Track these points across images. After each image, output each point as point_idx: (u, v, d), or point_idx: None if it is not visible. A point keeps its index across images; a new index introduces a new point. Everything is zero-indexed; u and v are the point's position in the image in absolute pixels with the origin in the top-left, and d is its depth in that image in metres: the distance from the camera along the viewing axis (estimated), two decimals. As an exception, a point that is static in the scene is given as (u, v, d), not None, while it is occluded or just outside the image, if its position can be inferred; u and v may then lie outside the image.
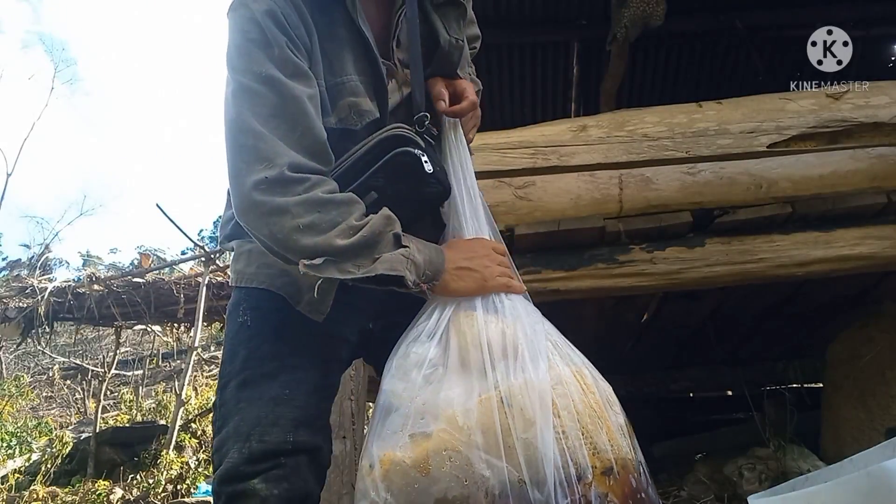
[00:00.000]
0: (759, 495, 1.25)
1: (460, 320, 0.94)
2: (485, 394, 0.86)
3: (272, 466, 0.90)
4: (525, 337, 0.93)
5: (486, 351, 0.90)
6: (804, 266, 2.13)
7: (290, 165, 0.86)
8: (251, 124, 0.87)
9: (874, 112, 2.03)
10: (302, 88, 0.91)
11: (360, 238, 0.86)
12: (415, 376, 0.90)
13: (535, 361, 0.90)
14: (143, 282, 6.64)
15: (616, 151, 2.01)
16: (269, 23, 0.90)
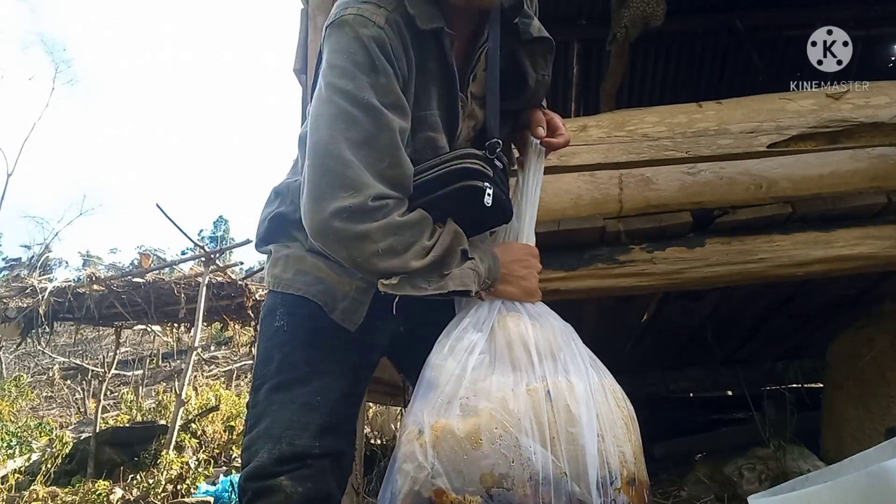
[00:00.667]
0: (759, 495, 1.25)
1: (507, 319, 0.99)
2: (532, 384, 0.91)
3: (299, 467, 0.95)
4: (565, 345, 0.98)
5: (533, 349, 0.94)
6: (804, 266, 2.13)
7: (373, 196, 0.88)
8: (341, 150, 0.88)
9: (874, 112, 2.03)
10: (398, 121, 0.92)
11: (432, 258, 0.92)
12: (464, 358, 0.94)
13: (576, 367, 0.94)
14: (143, 282, 6.64)
15: (616, 151, 2.00)
16: (376, 50, 0.91)
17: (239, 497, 0.98)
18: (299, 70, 2.58)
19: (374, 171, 0.89)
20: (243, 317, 7.33)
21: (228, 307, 7.05)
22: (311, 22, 2.39)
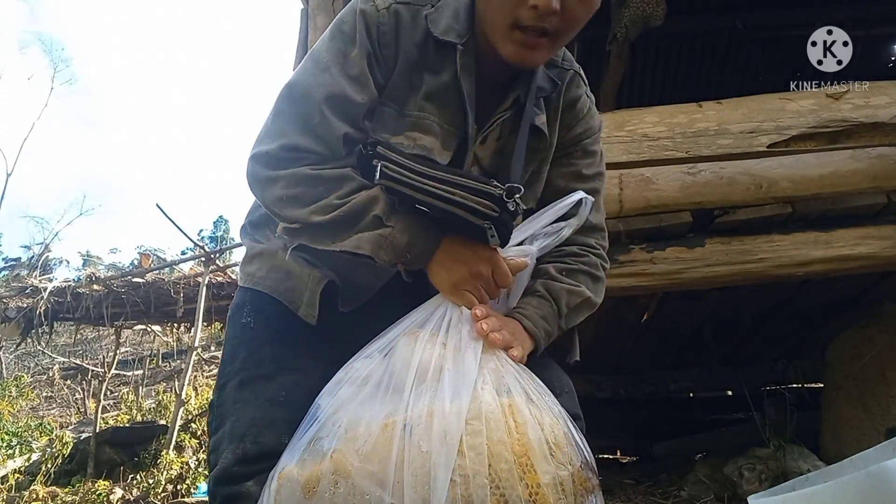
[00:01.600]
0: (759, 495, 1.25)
1: (403, 338, 0.87)
2: (391, 417, 0.77)
3: (267, 468, 0.88)
4: (456, 361, 0.82)
5: (412, 372, 0.81)
6: (804, 266, 2.14)
7: (287, 147, 0.91)
8: (280, 101, 0.94)
9: (874, 112, 2.03)
10: (349, 90, 0.93)
11: (336, 216, 0.88)
12: (344, 392, 0.83)
13: (456, 389, 0.78)
14: (142, 282, 6.64)
15: (616, 151, 2.00)
16: (362, 24, 0.95)
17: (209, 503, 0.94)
18: (299, 70, 2.58)
19: (304, 125, 0.91)
20: (243, 317, 7.32)
21: (228, 307, 7.05)
22: (311, 22, 2.39)
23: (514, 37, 0.90)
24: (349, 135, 0.93)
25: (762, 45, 4.49)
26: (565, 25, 0.91)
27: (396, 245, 0.89)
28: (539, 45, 0.91)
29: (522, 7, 0.88)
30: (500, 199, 0.86)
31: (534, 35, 0.90)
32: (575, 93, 1.10)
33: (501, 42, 0.92)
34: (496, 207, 0.86)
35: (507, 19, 0.89)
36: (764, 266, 2.13)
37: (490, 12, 0.93)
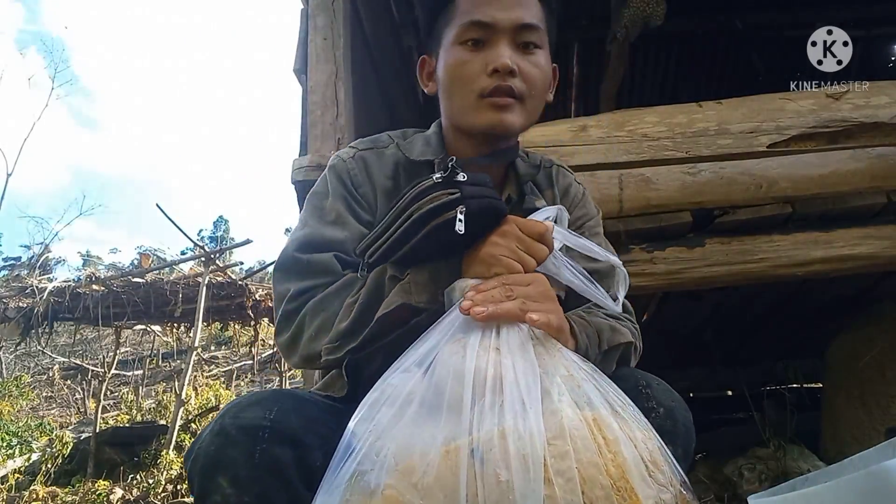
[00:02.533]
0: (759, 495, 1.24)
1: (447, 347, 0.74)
2: (453, 442, 0.64)
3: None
4: (518, 368, 0.70)
5: (468, 386, 0.68)
6: (804, 266, 2.14)
7: (290, 296, 0.93)
8: (277, 270, 0.98)
9: (874, 112, 2.03)
10: (328, 232, 0.97)
11: (359, 306, 0.85)
12: (383, 414, 0.70)
13: (525, 402, 0.66)
14: (142, 282, 6.65)
15: (616, 151, 2.00)
16: (332, 178, 1.02)
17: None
18: (299, 70, 2.58)
19: (298, 272, 0.94)
20: (243, 317, 7.34)
21: (228, 307, 7.06)
22: (311, 22, 2.39)
23: (483, 105, 0.95)
24: (339, 255, 0.94)
25: (762, 45, 4.49)
26: (528, 88, 0.95)
27: (420, 282, 0.85)
28: (509, 106, 0.94)
29: (483, 76, 0.94)
30: (448, 180, 0.83)
31: (502, 96, 0.94)
32: (565, 181, 1.15)
33: (475, 116, 0.96)
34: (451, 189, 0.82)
35: (473, 93, 0.95)
36: (764, 266, 2.13)
37: (457, 97, 0.98)
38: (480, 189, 0.84)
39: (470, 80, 0.95)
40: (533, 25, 0.96)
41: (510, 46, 0.94)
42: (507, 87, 0.93)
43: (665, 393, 0.86)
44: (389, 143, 1.07)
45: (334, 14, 2.38)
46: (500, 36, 0.94)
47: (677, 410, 0.84)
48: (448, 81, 0.99)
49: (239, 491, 0.71)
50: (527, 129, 1.01)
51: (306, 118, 2.26)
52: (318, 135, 2.19)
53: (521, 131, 1.01)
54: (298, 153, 2.36)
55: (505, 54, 0.93)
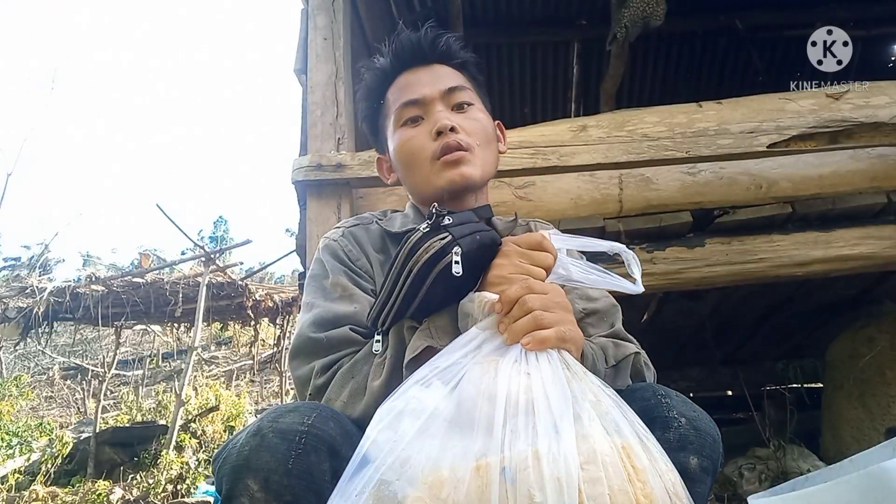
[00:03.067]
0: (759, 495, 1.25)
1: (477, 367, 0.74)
2: (483, 459, 0.65)
3: None
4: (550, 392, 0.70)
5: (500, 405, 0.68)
6: (804, 266, 2.14)
7: (315, 373, 0.91)
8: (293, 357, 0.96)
9: (874, 112, 2.03)
10: (338, 308, 0.97)
11: (388, 366, 0.86)
12: (407, 426, 0.69)
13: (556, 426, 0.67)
14: (142, 282, 6.64)
15: (616, 151, 2.00)
16: (328, 256, 1.04)
17: None
18: (299, 70, 2.58)
19: (317, 352, 0.93)
20: (243, 317, 7.34)
21: (228, 307, 7.05)
22: (311, 22, 2.39)
23: (438, 166, 1.00)
24: (354, 328, 0.94)
25: (762, 45, 4.49)
26: (473, 139, 1.01)
27: (440, 325, 0.85)
28: (462, 159, 0.99)
29: (429, 142, 1.00)
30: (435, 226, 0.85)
31: (452, 152, 0.99)
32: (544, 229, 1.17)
33: (435, 179, 1.01)
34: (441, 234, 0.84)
35: (426, 160, 1.01)
36: (764, 266, 2.13)
37: (414, 170, 1.04)
38: (468, 226, 0.87)
39: (420, 151, 1.01)
40: (458, 86, 1.04)
41: (445, 109, 1.02)
42: (454, 142, 0.99)
43: (686, 404, 0.85)
44: (372, 219, 1.12)
45: (334, 14, 2.38)
46: (433, 105, 1.02)
47: (700, 420, 0.83)
48: (402, 160, 1.05)
49: (268, 496, 0.68)
50: (487, 181, 1.06)
51: (306, 118, 2.26)
52: (318, 135, 2.20)
53: (482, 182, 1.04)
54: (298, 153, 2.36)
55: (442, 116, 1.00)
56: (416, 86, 1.04)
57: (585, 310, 1.05)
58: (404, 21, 3.94)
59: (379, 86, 1.09)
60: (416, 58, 1.05)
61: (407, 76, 1.05)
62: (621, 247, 0.90)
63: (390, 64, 1.07)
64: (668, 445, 0.78)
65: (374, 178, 2.09)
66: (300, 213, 2.22)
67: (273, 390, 10.36)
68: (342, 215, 2.07)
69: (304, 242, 2.11)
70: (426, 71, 1.05)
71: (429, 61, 1.06)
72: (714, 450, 0.82)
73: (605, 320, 1.05)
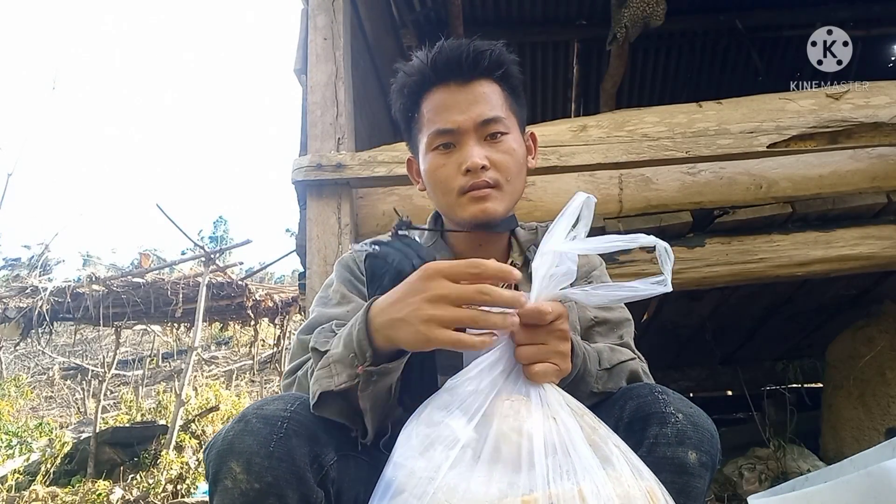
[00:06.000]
0: (759, 495, 1.25)
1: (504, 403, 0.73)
2: (530, 495, 0.65)
3: None
4: (585, 434, 0.71)
5: (539, 443, 0.69)
6: (804, 266, 2.14)
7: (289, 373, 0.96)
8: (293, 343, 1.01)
9: (874, 112, 2.03)
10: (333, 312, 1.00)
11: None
12: (440, 455, 0.68)
13: (598, 467, 0.68)
14: (142, 282, 6.64)
15: (616, 151, 2.00)
16: (341, 269, 1.08)
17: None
18: (299, 70, 2.58)
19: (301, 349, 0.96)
20: (243, 317, 7.34)
21: (228, 307, 7.06)
22: (311, 22, 2.39)
23: (464, 200, 1.00)
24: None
25: (762, 45, 4.49)
26: (502, 175, 1.01)
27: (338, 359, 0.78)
28: (488, 196, 1.00)
29: (459, 176, 1.00)
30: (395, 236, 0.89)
31: (479, 190, 0.99)
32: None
33: (459, 211, 1.02)
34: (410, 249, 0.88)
35: (453, 192, 1.01)
36: (764, 266, 2.13)
37: (440, 197, 1.04)
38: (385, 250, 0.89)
39: (448, 181, 1.01)
40: (493, 118, 1.00)
41: (477, 143, 1.00)
42: (482, 181, 0.99)
43: (682, 401, 0.85)
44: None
45: (334, 14, 2.38)
46: (466, 136, 0.99)
47: (697, 416, 0.83)
48: (430, 185, 1.06)
49: (250, 477, 0.70)
50: (512, 209, 1.07)
51: (306, 118, 2.26)
52: (317, 135, 2.19)
53: (506, 214, 1.05)
54: (298, 153, 2.36)
55: (473, 153, 0.98)
56: (451, 112, 1.00)
57: (597, 318, 1.05)
58: (404, 21, 3.95)
59: (414, 94, 1.05)
60: (455, 74, 1.00)
61: (443, 94, 1.01)
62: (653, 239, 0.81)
63: (427, 75, 1.02)
64: (666, 441, 0.79)
65: (374, 178, 2.10)
66: (300, 213, 2.22)
67: (273, 390, 10.36)
68: (342, 215, 2.07)
69: (304, 242, 2.11)
70: (463, 92, 1.00)
71: (468, 79, 1.00)
72: (712, 445, 0.82)
73: (615, 331, 1.04)
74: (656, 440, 0.79)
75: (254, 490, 0.70)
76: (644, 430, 0.80)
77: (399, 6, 3.85)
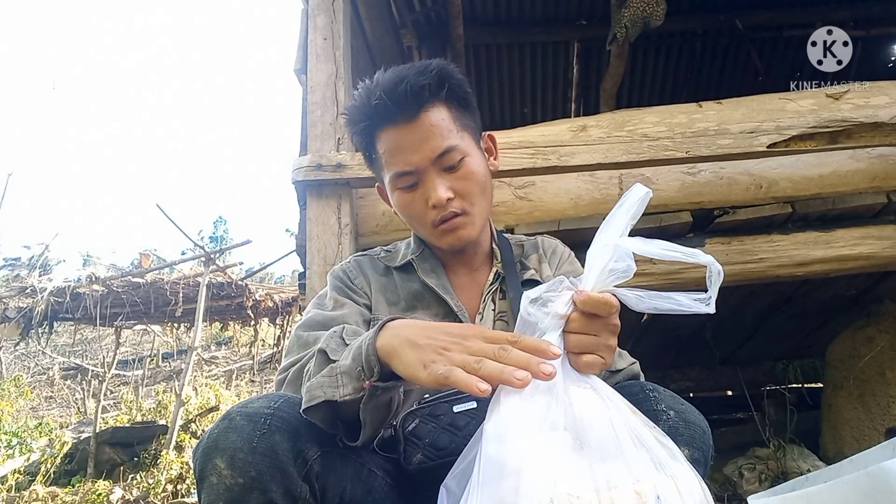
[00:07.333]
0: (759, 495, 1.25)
1: (573, 388, 0.72)
2: (639, 484, 0.64)
3: None
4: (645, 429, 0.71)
5: (625, 434, 0.68)
6: (804, 266, 2.14)
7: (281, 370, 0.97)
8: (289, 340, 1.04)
9: (874, 112, 2.03)
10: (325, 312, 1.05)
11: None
12: (547, 437, 0.66)
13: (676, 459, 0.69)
14: (142, 282, 6.64)
15: (616, 151, 2.00)
16: (334, 280, 1.13)
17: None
18: (299, 70, 2.58)
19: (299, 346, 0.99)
20: (243, 317, 7.34)
21: (228, 307, 7.06)
22: (311, 22, 2.39)
23: (438, 232, 1.05)
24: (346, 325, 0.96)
25: (762, 45, 4.49)
26: (468, 199, 1.03)
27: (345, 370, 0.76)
28: (458, 224, 1.04)
29: (427, 210, 1.03)
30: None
31: (448, 221, 1.03)
32: (550, 242, 1.23)
33: (437, 241, 1.07)
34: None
35: (426, 226, 1.05)
36: (764, 266, 2.13)
37: (416, 227, 1.10)
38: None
39: (420, 217, 1.05)
40: (447, 149, 1.00)
41: (438, 175, 1.01)
42: (450, 213, 1.02)
43: (673, 398, 0.86)
44: (379, 253, 1.21)
45: (334, 14, 2.38)
46: (426, 173, 1.01)
47: (689, 413, 0.84)
48: (405, 218, 1.10)
49: (234, 473, 0.72)
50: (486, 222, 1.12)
51: (306, 118, 2.26)
52: (317, 135, 2.19)
53: (480, 232, 1.09)
54: (298, 153, 2.36)
55: (437, 190, 1.00)
56: (405, 153, 1.00)
57: None
58: (404, 21, 3.95)
59: (366, 132, 1.04)
60: (399, 112, 0.98)
61: (393, 134, 1.00)
62: (710, 259, 0.79)
63: (373, 118, 1.01)
64: None
65: (375, 178, 2.10)
66: (300, 213, 2.22)
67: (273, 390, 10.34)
68: (342, 215, 2.07)
69: (303, 242, 2.11)
70: (412, 130, 0.98)
71: (413, 113, 0.98)
72: (704, 441, 0.83)
73: None
74: None
75: (238, 485, 0.72)
76: None
77: (399, 6, 3.85)
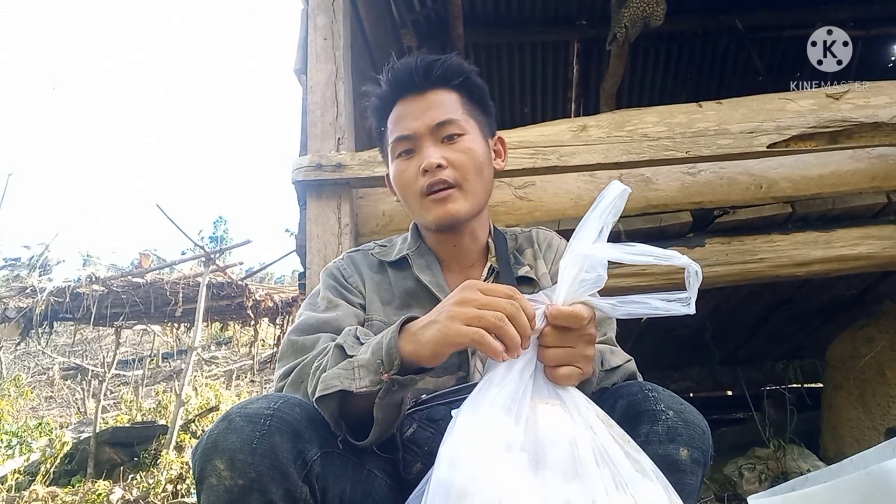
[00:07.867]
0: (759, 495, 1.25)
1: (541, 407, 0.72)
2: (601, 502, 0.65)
3: None
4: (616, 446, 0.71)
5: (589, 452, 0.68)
6: (804, 266, 2.14)
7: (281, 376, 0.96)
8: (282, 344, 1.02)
9: (874, 112, 2.03)
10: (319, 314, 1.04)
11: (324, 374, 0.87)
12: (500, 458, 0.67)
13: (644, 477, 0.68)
14: (142, 282, 6.64)
15: (616, 151, 2.00)
16: (326, 278, 1.13)
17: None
18: (299, 70, 2.58)
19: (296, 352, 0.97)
20: (243, 317, 7.33)
21: (228, 307, 7.05)
22: (311, 22, 2.39)
23: (427, 203, 1.04)
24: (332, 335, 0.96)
25: (762, 45, 4.49)
26: (461, 174, 1.03)
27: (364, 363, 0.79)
28: (450, 196, 1.03)
29: (419, 178, 1.03)
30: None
31: (438, 190, 1.02)
32: (545, 235, 1.22)
33: (424, 214, 1.06)
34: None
35: (416, 195, 1.05)
36: (764, 266, 2.13)
37: (407, 202, 1.09)
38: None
39: (410, 185, 1.06)
40: (447, 121, 1.04)
41: (434, 145, 1.03)
42: (439, 180, 1.02)
43: (672, 398, 0.86)
44: (373, 248, 1.19)
45: (334, 14, 2.38)
46: (423, 140, 1.04)
47: (688, 413, 0.83)
48: (398, 191, 1.11)
49: (234, 474, 0.71)
50: (479, 211, 1.09)
51: (306, 118, 2.26)
52: (317, 135, 2.19)
53: (471, 214, 1.07)
54: (298, 153, 2.36)
55: (429, 154, 1.02)
56: (408, 119, 1.05)
57: None
58: (404, 21, 3.94)
59: (381, 112, 1.11)
60: (409, 87, 1.06)
61: (401, 107, 1.07)
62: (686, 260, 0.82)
63: (388, 92, 1.09)
64: (657, 438, 0.79)
65: (375, 178, 2.10)
66: (300, 213, 2.22)
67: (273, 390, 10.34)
68: (342, 215, 2.07)
69: (304, 242, 2.11)
70: (419, 101, 1.05)
71: (422, 90, 1.05)
72: (703, 441, 0.82)
73: (600, 328, 1.03)
74: (647, 438, 0.79)
75: (238, 486, 0.71)
76: (635, 427, 0.80)
77: (399, 6, 3.85)
